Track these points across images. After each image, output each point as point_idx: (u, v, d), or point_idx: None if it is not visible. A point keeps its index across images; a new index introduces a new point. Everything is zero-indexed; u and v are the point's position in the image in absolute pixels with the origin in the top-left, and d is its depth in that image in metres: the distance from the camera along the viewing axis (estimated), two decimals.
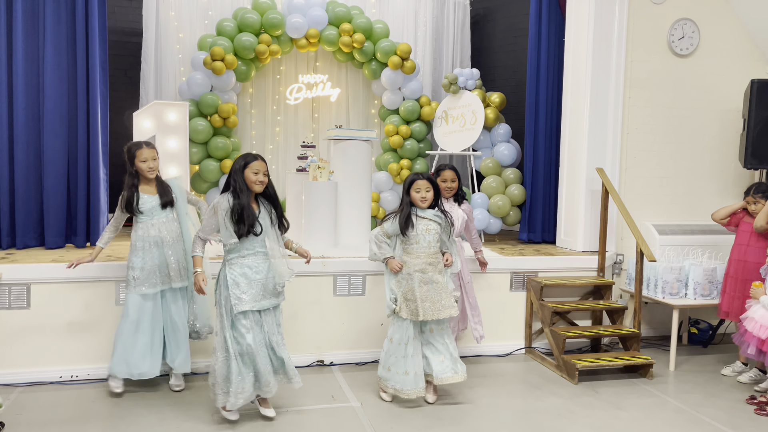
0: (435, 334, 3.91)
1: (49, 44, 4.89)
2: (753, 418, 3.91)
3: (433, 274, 3.83)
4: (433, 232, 3.84)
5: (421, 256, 3.82)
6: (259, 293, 3.47)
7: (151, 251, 3.83)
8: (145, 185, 3.88)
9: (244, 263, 3.46)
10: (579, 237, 5.55)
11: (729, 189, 5.91)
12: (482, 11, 7.78)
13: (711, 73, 5.79)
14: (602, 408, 3.99)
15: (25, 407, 3.72)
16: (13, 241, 4.92)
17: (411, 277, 3.82)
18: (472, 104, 6.45)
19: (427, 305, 3.78)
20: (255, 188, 3.47)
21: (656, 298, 4.95)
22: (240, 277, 3.44)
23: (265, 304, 3.50)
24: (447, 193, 4.38)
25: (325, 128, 6.85)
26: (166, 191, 3.90)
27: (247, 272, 3.45)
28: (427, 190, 3.84)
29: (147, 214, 3.83)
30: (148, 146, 3.86)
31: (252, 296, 3.44)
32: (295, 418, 3.68)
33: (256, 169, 3.45)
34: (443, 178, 4.35)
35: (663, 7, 5.64)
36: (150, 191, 3.87)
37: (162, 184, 3.93)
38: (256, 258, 3.49)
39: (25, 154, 4.89)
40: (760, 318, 4.01)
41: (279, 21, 6.20)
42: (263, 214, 3.52)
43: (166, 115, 5.68)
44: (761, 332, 3.98)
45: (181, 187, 4.01)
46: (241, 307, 3.41)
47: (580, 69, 5.55)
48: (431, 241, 3.83)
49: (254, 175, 3.45)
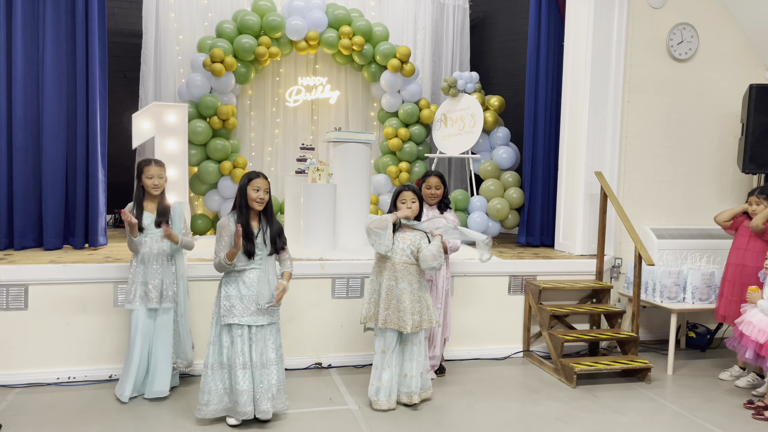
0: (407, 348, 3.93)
1: (49, 45, 4.89)
2: (751, 423, 3.91)
3: (403, 285, 3.78)
4: (408, 242, 3.81)
5: (395, 264, 3.79)
6: (250, 309, 3.47)
7: (139, 267, 3.84)
8: (149, 202, 3.89)
9: (239, 279, 3.49)
10: (577, 240, 5.56)
11: (727, 193, 5.92)
12: (482, 15, 7.80)
13: (709, 77, 5.80)
14: (600, 412, 3.99)
15: (22, 408, 3.71)
16: (11, 241, 4.91)
17: (381, 278, 3.84)
18: (471, 107, 6.46)
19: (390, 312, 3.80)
20: (255, 206, 3.49)
21: (654, 302, 4.96)
22: (233, 291, 3.47)
23: (256, 320, 3.48)
24: (431, 200, 4.33)
25: (324, 130, 6.86)
26: (164, 212, 3.89)
27: (241, 287, 3.48)
28: (413, 201, 3.84)
29: (144, 231, 3.83)
30: (156, 164, 3.90)
31: (242, 311, 3.45)
32: (292, 420, 3.67)
33: (257, 187, 3.48)
34: (428, 184, 4.30)
35: (662, 12, 5.66)
36: (151, 209, 3.89)
37: (163, 203, 3.92)
38: (251, 274, 3.50)
39: (24, 155, 4.89)
40: (758, 322, 4.01)
41: (279, 23, 6.21)
42: (261, 232, 3.54)
43: (166, 116, 5.68)
44: (759, 336, 3.98)
45: (182, 214, 3.97)
46: (229, 319, 3.43)
47: (579, 73, 5.56)
48: (405, 249, 3.80)
49: (255, 192, 3.48)
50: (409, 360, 3.90)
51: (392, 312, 3.78)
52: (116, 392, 3.88)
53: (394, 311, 3.78)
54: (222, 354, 3.47)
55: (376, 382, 3.87)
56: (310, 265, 4.62)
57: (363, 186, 5.47)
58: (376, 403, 3.86)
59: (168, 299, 3.87)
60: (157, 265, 3.84)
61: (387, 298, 3.79)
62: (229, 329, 3.47)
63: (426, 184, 4.32)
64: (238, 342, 3.45)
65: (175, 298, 3.91)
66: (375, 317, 3.85)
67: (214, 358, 3.48)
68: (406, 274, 3.79)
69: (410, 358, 3.89)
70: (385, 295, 3.79)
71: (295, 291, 4.53)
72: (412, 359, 3.90)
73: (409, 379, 3.90)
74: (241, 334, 3.46)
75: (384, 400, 3.84)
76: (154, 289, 3.83)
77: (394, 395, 3.88)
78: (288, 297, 4.51)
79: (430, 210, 4.35)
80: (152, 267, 3.83)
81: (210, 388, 3.46)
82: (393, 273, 3.79)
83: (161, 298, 3.85)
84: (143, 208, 3.84)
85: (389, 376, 3.84)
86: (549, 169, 6.03)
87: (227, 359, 3.46)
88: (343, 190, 5.35)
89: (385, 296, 3.79)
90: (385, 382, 3.84)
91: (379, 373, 3.86)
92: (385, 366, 3.84)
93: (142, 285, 3.82)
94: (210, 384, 3.46)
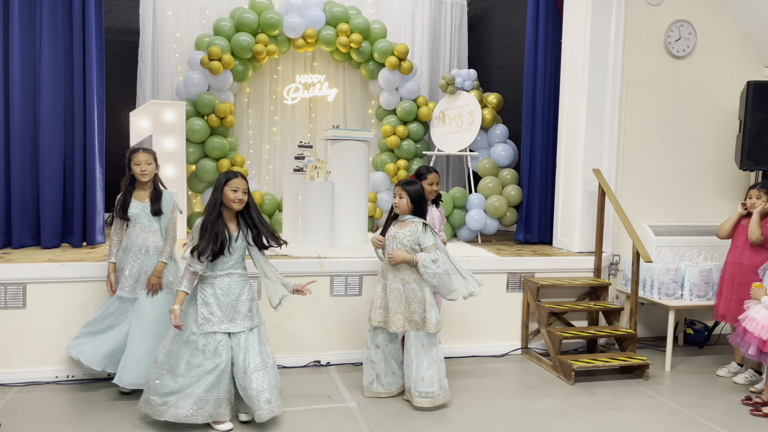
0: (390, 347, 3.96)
1: (46, 43, 4.87)
2: (748, 419, 3.92)
3: (396, 283, 3.79)
4: (399, 241, 3.77)
5: (384, 260, 3.84)
6: (228, 316, 3.39)
7: (126, 256, 3.83)
8: (140, 191, 3.87)
9: (215, 284, 3.40)
10: (575, 238, 5.56)
11: (725, 190, 5.93)
12: (479, 12, 7.79)
13: (707, 74, 5.81)
14: (598, 408, 4.00)
15: (20, 407, 3.71)
16: (9, 240, 4.90)
17: (383, 278, 3.86)
18: (469, 105, 6.46)
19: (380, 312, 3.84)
20: (233, 206, 3.40)
21: (652, 299, 4.96)
22: (211, 297, 3.38)
23: (235, 327, 3.40)
24: (431, 196, 4.37)
25: (322, 128, 6.85)
26: (157, 199, 3.85)
27: (218, 293, 3.39)
28: (400, 197, 3.80)
29: (132, 220, 3.82)
30: (145, 151, 3.86)
31: (220, 318, 3.38)
32: (291, 418, 3.67)
33: (235, 187, 3.37)
34: (430, 181, 4.32)
35: (660, 9, 5.66)
36: (141, 197, 3.85)
37: (156, 191, 3.89)
38: (228, 279, 3.42)
39: (21, 153, 4.87)
40: (762, 318, 4.00)
41: (276, 21, 6.20)
42: (241, 235, 3.45)
43: (163, 114, 5.67)
44: (763, 333, 3.96)
45: (170, 204, 3.90)
46: (208, 328, 3.35)
47: (577, 70, 5.56)
48: (395, 248, 3.79)
49: (233, 192, 3.37)
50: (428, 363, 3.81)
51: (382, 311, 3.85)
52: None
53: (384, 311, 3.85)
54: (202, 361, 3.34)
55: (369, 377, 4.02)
56: (309, 263, 4.62)
57: (361, 184, 5.47)
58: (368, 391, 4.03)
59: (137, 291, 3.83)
60: (143, 254, 3.81)
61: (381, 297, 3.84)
62: (207, 337, 3.35)
63: (429, 180, 4.34)
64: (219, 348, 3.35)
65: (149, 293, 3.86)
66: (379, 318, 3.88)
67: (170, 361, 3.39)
68: (403, 274, 3.80)
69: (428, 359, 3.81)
70: (380, 294, 3.85)
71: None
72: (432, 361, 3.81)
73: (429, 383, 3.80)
74: (221, 341, 3.37)
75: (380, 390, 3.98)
76: (142, 278, 3.81)
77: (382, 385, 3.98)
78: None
79: (428, 205, 4.38)
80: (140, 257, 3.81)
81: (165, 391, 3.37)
82: (385, 272, 3.86)
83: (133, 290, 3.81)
84: (132, 197, 3.83)
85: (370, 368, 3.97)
86: (547, 167, 6.04)
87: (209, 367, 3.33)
88: (341, 188, 5.34)
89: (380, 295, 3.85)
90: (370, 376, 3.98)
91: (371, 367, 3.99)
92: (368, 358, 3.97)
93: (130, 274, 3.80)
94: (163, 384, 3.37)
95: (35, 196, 4.97)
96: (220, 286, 3.40)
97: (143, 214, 3.83)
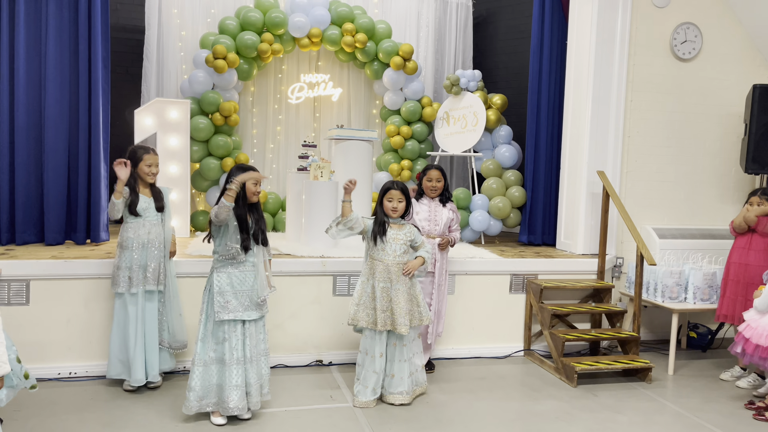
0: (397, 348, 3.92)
1: (51, 41, 4.88)
2: (751, 423, 3.90)
3: (398, 285, 3.79)
4: (401, 242, 3.83)
5: (386, 262, 3.80)
6: (244, 304, 3.49)
7: (137, 251, 3.85)
8: (142, 188, 3.94)
9: (231, 273, 3.49)
10: (579, 240, 5.55)
11: (730, 194, 5.91)
12: (485, 13, 7.78)
13: (713, 77, 5.79)
14: (601, 411, 3.99)
15: (23, 404, 3.71)
16: (13, 237, 4.91)
17: (374, 280, 3.83)
18: (473, 106, 6.45)
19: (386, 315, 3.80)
20: (253, 199, 3.52)
21: (656, 302, 4.95)
22: (227, 286, 3.47)
23: (250, 315, 3.50)
24: (432, 192, 4.39)
25: (326, 128, 6.85)
26: (159, 196, 4.00)
27: (234, 282, 3.48)
28: (399, 201, 3.83)
29: (141, 216, 3.88)
30: (155, 153, 3.97)
31: (236, 306, 3.46)
32: (292, 417, 3.67)
33: (255, 180, 3.50)
34: (429, 177, 4.37)
35: (666, 11, 5.64)
36: (146, 194, 3.94)
37: (155, 188, 4.00)
38: (243, 267, 3.51)
39: (26, 151, 4.88)
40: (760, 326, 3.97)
41: (281, 20, 6.20)
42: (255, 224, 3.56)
43: (168, 112, 5.68)
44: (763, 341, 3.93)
45: (168, 199, 4.08)
46: (224, 315, 3.42)
47: (582, 71, 5.55)
48: (396, 250, 3.81)
49: (253, 185, 3.49)
50: (399, 361, 3.89)
51: (388, 314, 3.79)
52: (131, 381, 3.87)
53: (389, 314, 3.79)
54: (214, 350, 3.46)
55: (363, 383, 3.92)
56: (312, 262, 4.62)
57: (365, 184, 5.46)
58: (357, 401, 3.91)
59: (164, 282, 3.93)
60: (154, 247, 3.88)
61: (382, 300, 3.78)
62: (221, 325, 3.46)
63: (427, 176, 4.39)
64: (233, 338, 3.45)
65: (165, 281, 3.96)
66: (368, 319, 3.83)
67: (206, 355, 3.46)
68: (401, 274, 3.80)
69: (400, 359, 3.89)
70: (380, 297, 3.78)
71: (296, 288, 4.53)
72: (402, 360, 3.89)
73: (398, 380, 3.89)
74: (235, 330, 3.46)
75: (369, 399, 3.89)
76: (152, 271, 3.86)
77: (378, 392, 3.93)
78: (289, 294, 4.53)
79: (432, 202, 4.40)
80: (151, 250, 3.87)
81: (200, 384, 3.44)
82: (387, 275, 3.80)
83: (156, 281, 3.88)
84: (139, 193, 3.89)
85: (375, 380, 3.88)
86: (551, 168, 6.03)
87: (219, 355, 3.45)
88: None
89: (380, 298, 3.78)
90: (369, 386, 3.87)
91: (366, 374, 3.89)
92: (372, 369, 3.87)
93: (141, 268, 3.84)
94: (200, 380, 3.44)
95: (39, 193, 4.98)
96: (235, 275, 3.49)
97: (150, 208, 3.92)
